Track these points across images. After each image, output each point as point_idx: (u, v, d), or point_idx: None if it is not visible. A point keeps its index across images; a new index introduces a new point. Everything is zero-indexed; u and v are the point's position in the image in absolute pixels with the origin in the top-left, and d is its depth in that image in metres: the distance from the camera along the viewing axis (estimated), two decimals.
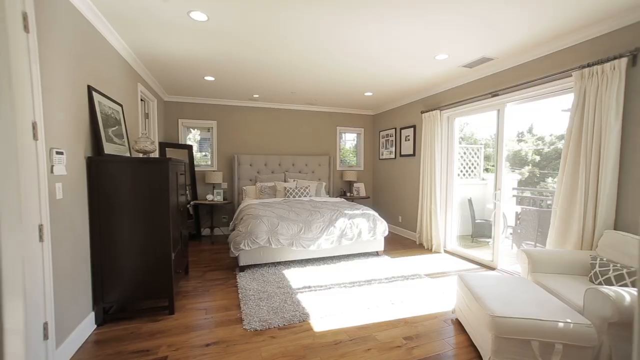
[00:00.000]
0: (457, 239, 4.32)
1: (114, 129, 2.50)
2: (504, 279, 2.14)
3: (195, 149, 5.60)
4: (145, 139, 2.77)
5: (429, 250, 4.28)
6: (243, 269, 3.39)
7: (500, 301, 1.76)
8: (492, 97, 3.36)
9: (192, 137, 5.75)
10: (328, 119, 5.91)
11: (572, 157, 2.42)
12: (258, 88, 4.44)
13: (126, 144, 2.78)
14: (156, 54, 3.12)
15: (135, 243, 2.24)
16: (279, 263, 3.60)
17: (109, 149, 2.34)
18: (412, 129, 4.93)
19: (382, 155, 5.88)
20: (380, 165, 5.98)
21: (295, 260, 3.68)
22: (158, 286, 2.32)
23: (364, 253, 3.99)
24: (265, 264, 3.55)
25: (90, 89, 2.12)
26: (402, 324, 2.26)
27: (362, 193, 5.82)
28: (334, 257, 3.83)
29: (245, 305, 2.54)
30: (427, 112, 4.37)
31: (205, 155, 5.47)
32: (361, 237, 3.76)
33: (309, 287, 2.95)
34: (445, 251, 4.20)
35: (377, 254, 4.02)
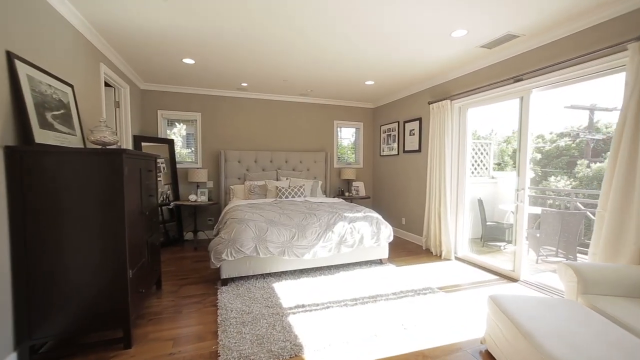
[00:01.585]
0: (469, 244, 3.88)
1: (56, 113, 1.98)
2: (551, 303, 1.68)
3: (180, 145, 5.07)
4: (105, 127, 2.26)
5: (438, 257, 3.82)
6: (226, 282, 2.89)
7: (561, 341, 1.30)
8: (514, 82, 2.90)
9: (178, 132, 5.22)
10: (324, 112, 5.42)
11: (627, 149, 1.98)
12: (246, 75, 3.93)
13: (78, 133, 2.26)
14: (121, 29, 2.60)
15: (78, 259, 1.73)
16: (269, 274, 3.12)
17: (46, 137, 1.82)
18: (418, 122, 4.47)
19: (383, 151, 5.41)
20: (381, 162, 5.51)
21: (287, 272, 3.19)
22: (110, 313, 1.82)
23: (366, 261, 3.52)
24: (253, 276, 3.05)
25: (10, 55, 1.60)
26: (421, 358, 1.80)
27: (362, 193, 5.35)
28: (332, 266, 3.36)
29: (224, 332, 2.05)
30: (435, 102, 3.91)
31: (192, 152, 4.93)
32: (363, 244, 3.29)
33: (303, 305, 2.46)
34: (457, 258, 3.75)
35: (380, 262, 3.56)
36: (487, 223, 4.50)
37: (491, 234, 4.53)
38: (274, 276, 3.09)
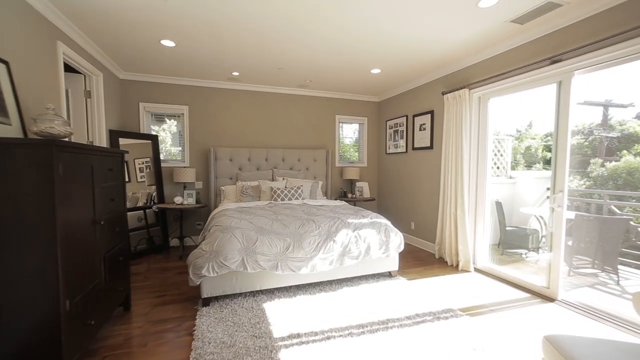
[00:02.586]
0: (489, 253, 3.41)
1: None
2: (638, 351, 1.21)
3: (169, 142, 4.64)
4: (53, 116, 1.84)
5: (454, 268, 3.36)
6: (208, 302, 2.43)
7: None
8: (551, 64, 2.43)
9: (168, 129, 4.77)
10: (325, 106, 4.96)
11: None
12: (236, 61, 3.47)
13: (16, 123, 1.81)
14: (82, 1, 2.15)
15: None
16: (259, 292, 2.66)
17: None
18: (429, 115, 4.00)
19: (389, 149, 4.95)
20: (387, 161, 5.05)
21: (281, 288, 2.73)
22: (44, 355, 1.37)
23: (373, 275, 3.06)
24: (240, 294, 2.60)
25: None
26: None
27: (366, 194, 4.89)
28: (333, 281, 2.90)
29: None
30: (450, 92, 3.44)
31: (183, 150, 4.47)
32: (370, 255, 2.83)
33: (299, 335, 2.01)
34: (476, 269, 3.28)
35: (390, 274, 3.09)
36: (507, 228, 4.03)
37: (511, 241, 4.06)
38: (265, 294, 2.63)
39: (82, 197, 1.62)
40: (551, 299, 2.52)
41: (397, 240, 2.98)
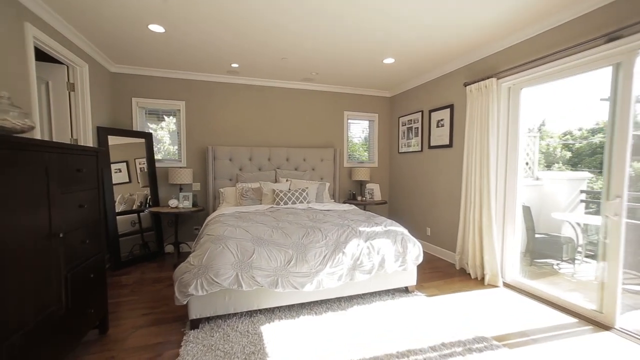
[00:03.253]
0: (520, 265, 2.99)
1: None
2: None
3: (168, 141, 4.34)
4: (8, 107, 1.55)
5: (479, 282, 2.95)
6: (196, 323, 2.10)
7: None
8: (607, 42, 2.02)
9: (167, 127, 4.48)
10: (333, 102, 4.59)
11: None
12: (235, 51, 3.14)
13: None
14: None
15: None
16: (257, 311, 2.31)
17: None
18: (449, 110, 3.60)
19: (402, 147, 4.56)
20: (399, 160, 4.65)
21: (282, 307, 2.38)
22: None
23: (387, 290, 2.68)
24: (234, 315, 2.25)
25: None
26: None
27: (377, 196, 4.50)
28: (342, 298, 2.53)
29: None
30: (474, 83, 3.04)
31: (180, 149, 4.16)
32: (384, 268, 2.45)
33: None
34: (505, 284, 2.87)
35: (406, 290, 2.71)
36: (536, 236, 3.59)
37: (541, 250, 3.63)
38: (264, 313, 2.29)
39: (29, 205, 1.30)
40: (606, 327, 2.09)
41: (415, 251, 2.60)
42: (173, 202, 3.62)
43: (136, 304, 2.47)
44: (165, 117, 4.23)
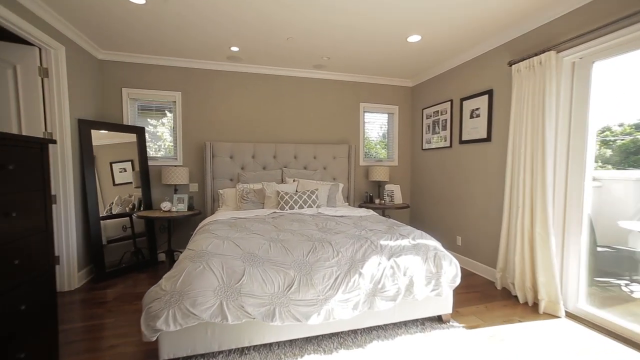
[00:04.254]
0: (586, 289, 2.37)
1: None
2: None
3: (169, 138, 3.93)
4: None
5: (532, 309, 2.35)
6: None
7: None
8: None
9: (167, 123, 4.09)
10: (347, 92, 4.07)
11: None
12: (233, 28, 2.68)
13: None
14: None
15: None
16: (249, 348, 1.82)
17: None
18: (486, 96, 3.00)
19: (427, 143, 3.98)
20: (423, 158, 4.07)
21: (281, 342, 1.87)
22: None
23: (415, 320, 2.13)
24: (219, 354, 1.77)
25: None
26: None
27: (398, 199, 3.94)
28: (358, 330, 2.00)
29: None
30: (523, 60, 2.44)
31: (175, 146, 3.74)
32: (413, 294, 1.91)
33: None
34: (568, 314, 2.26)
35: (440, 320, 2.15)
36: (598, 249, 2.93)
37: (603, 266, 2.95)
38: (259, 350, 1.79)
39: None
40: None
41: (451, 271, 2.04)
42: (166, 205, 3.20)
43: (107, 331, 2.04)
44: (168, 112, 3.82)
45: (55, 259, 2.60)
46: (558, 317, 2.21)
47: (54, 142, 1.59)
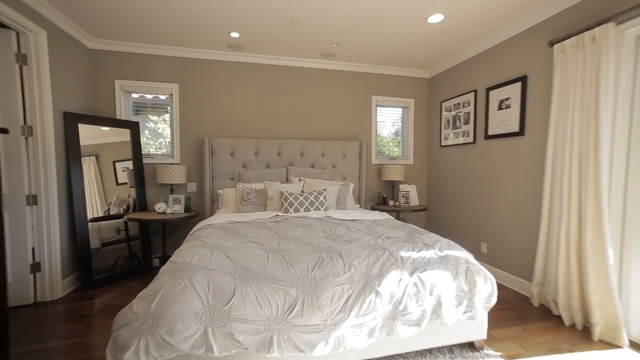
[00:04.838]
0: None
1: None
2: None
3: (169, 137, 3.65)
4: None
5: (582, 334, 1.96)
6: None
7: None
8: None
9: (169, 119, 3.83)
10: (358, 84, 3.74)
11: None
12: (232, 9, 2.38)
13: None
14: None
15: None
16: None
17: None
18: (519, 84, 2.62)
19: (447, 139, 3.60)
20: (442, 155, 3.70)
21: None
22: None
23: (442, 347, 1.78)
24: None
25: None
26: None
27: (414, 201, 3.58)
28: None
29: None
30: (569, 38, 2.07)
31: (172, 142, 3.46)
32: (441, 317, 1.57)
33: None
34: (633, 344, 1.86)
35: (472, 347, 1.79)
36: None
37: None
38: None
39: None
40: None
41: (486, 289, 1.68)
42: (160, 207, 2.93)
43: (80, 353, 1.76)
44: (168, 107, 3.55)
45: (36, 266, 2.37)
46: (619, 346, 1.82)
47: (5, 131, 1.31)
